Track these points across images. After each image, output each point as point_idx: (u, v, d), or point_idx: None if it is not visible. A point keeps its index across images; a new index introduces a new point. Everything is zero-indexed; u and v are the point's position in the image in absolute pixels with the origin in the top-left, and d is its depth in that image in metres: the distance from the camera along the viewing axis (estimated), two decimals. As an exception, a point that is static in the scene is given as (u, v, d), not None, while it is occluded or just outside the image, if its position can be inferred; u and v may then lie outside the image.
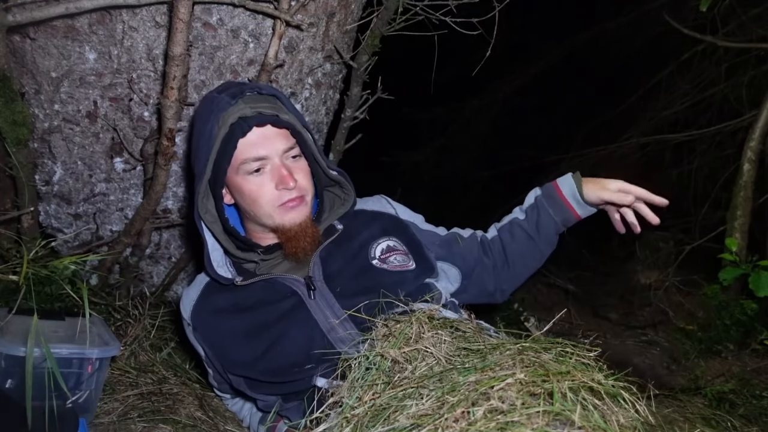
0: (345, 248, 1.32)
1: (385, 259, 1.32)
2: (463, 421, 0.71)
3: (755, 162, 2.45)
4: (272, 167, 1.21)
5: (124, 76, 1.65)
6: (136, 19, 1.58)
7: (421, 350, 0.91)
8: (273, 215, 1.22)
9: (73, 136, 1.71)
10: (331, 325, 1.21)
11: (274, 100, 1.26)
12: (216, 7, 1.60)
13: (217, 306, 1.31)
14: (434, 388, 0.79)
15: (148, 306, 1.82)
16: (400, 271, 1.30)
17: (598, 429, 0.68)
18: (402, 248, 1.36)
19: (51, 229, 1.82)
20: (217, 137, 1.19)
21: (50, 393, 1.11)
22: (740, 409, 1.61)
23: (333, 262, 1.30)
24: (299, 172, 1.23)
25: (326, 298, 1.24)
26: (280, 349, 1.23)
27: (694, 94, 3.56)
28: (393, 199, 1.50)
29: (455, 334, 0.98)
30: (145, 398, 1.48)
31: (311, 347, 1.20)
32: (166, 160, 1.59)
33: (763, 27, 3.03)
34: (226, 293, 1.31)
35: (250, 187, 1.21)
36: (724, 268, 2.12)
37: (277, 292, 1.27)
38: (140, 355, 1.66)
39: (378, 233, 1.36)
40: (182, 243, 1.97)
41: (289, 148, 1.22)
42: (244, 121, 1.18)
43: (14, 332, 1.20)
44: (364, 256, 1.31)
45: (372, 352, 0.95)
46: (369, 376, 0.91)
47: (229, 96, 1.21)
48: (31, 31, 1.55)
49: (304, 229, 1.24)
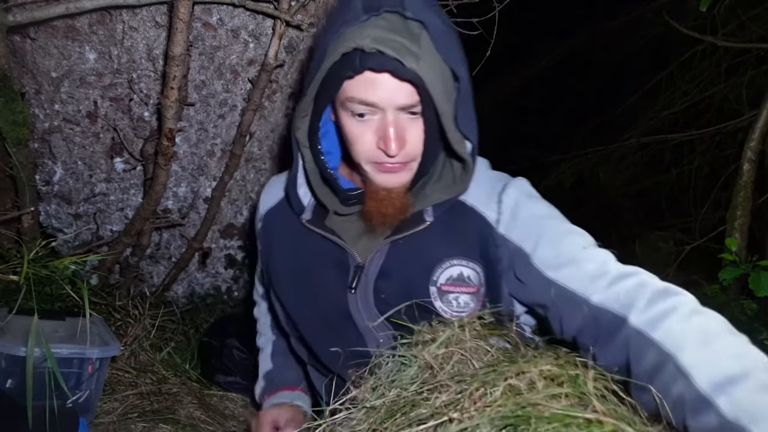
0: (417, 249, 1.06)
1: (445, 293, 1.05)
2: (480, 402, 0.69)
3: (755, 162, 2.45)
4: (380, 120, 0.95)
5: (125, 76, 1.65)
6: (136, 19, 1.58)
7: (458, 355, 0.83)
8: (366, 167, 1.01)
9: (74, 136, 1.71)
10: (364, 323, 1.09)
11: (419, 30, 0.93)
12: (216, 7, 1.60)
13: (287, 227, 1.17)
14: (458, 380, 0.76)
15: (148, 306, 1.82)
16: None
17: (623, 420, 0.64)
18: (475, 284, 1.05)
19: (51, 229, 1.82)
20: (326, 59, 0.94)
21: (51, 393, 1.11)
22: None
23: (397, 260, 1.07)
24: (412, 133, 0.97)
25: (366, 298, 1.08)
26: (312, 314, 1.14)
27: (694, 94, 3.55)
28: (535, 188, 1.08)
29: (499, 345, 0.87)
30: (145, 398, 1.48)
31: (340, 332, 1.11)
32: (166, 160, 1.59)
33: (763, 27, 3.03)
34: (295, 221, 1.14)
35: (350, 129, 0.98)
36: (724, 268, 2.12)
37: (330, 257, 1.11)
38: (140, 355, 1.66)
39: (455, 249, 1.05)
40: (182, 243, 1.97)
41: (409, 105, 0.94)
42: (359, 56, 0.91)
43: (15, 332, 1.21)
44: (426, 272, 1.05)
45: (407, 353, 0.87)
46: (397, 375, 0.85)
47: (363, 6, 0.93)
48: (31, 31, 1.55)
49: (394, 198, 1.01)
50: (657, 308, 0.83)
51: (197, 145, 1.82)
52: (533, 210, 1.03)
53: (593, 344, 0.88)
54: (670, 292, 0.85)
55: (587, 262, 0.94)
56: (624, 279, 0.89)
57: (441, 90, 0.93)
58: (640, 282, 0.88)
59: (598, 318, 0.89)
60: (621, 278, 0.90)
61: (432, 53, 0.93)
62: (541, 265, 0.97)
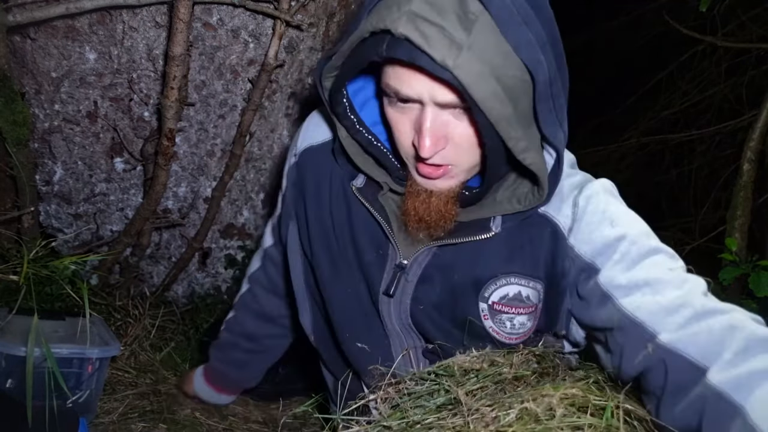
0: (471, 257, 0.91)
1: (497, 312, 0.91)
2: (493, 425, 0.62)
3: (755, 162, 2.45)
4: (419, 113, 0.79)
5: (125, 76, 1.65)
6: (136, 20, 1.58)
7: (492, 387, 0.73)
8: (406, 160, 0.87)
9: (74, 136, 1.71)
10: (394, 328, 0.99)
11: (480, 9, 0.71)
12: (216, 7, 1.60)
13: (331, 179, 0.99)
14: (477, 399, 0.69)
15: (148, 306, 1.82)
16: (503, 342, 0.92)
17: None
18: (532, 304, 0.90)
19: (51, 229, 1.82)
20: (358, 29, 0.76)
21: (50, 393, 1.11)
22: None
23: (444, 265, 0.92)
24: (455, 134, 0.79)
25: (402, 305, 0.95)
26: (345, 295, 1.02)
27: (694, 94, 3.55)
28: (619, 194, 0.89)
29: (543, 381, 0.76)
30: (145, 398, 1.48)
31: (368, 322, 1.01)
32: (167, 160, 1.59)
33: (763, 27, 3.03)
34: (341, 175, 0.98)
35: (389, 113, 0.83)
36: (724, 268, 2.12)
37: (375, 239, 0.96)
38: (140, 355, 1.66)
39: (517, 265, 0.89)
40: (182, 243, 1.97)
41: (453, 103, 0.76)
42: (386, 41, 0.72)
43: (14, 332, 1.20)
44: (475, 286, 0.91)
45: (441, 381, 0.77)
46: (424, 401, 0.75)
47: None
48: (31, 31, 1.55)
49: (435, 203, 0.85)
50: (750, 364, 0.62)
51: (197, 145, 1.82)
52: (615, 219, 0.83)
53: (659, 394, 0.70)
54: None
55: (667, 288, 0.75)
56: (709, 317, 0.69)
57: (493, 91, 0.72)
58: (732, 323, 0.67)
59: (666, 362, 0.69)
60: (706, 315, 0.70)
61: (489, 41, 0.71)
62: (609, 284, 0.79)
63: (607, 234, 0.82)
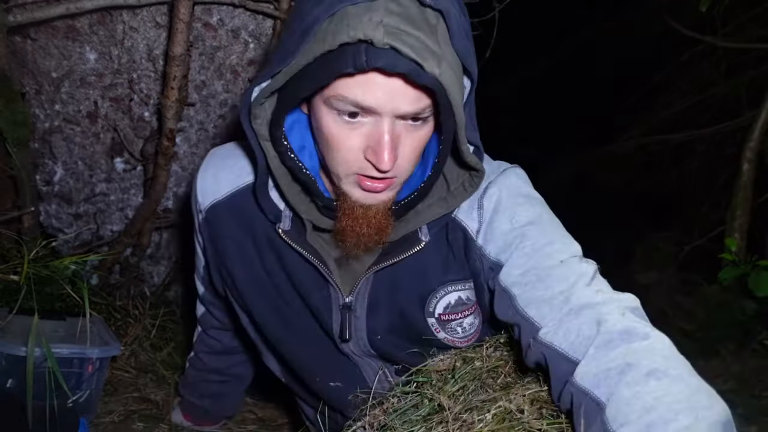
0: (408, 275, 0.93)
1: (445, 322, 0.94)
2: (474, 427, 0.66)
3: (755, 162, 2.45)
4: (373, 126, 0.78)
5: (125, 76, 1.65)
6: (136, 20, 1.58)
7: (473, 385, 0.76)
8: (342, 179, 0.84)
9: (74, 136, 1.71)
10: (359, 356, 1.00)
11: (436, 20, 0.74)
12: (216, 7, 1.60)
13: (247, 229, 0.97)
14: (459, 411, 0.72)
15: (148, 306, 1.82)
16: (463, 347, 0.95)
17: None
18: (473, 302, 0.96)
19: (51, 229, 1.82)
20: (317, 42, 0.73)
21: (51, 392, 1.11)
22: (739, 409, 1.61)
23: (384, 289, 0.94)
24: (409, 146, 0.80)
25: (360, 343, 0.97)
26: (297, 340, 1.02)
27: (694, 94, 3.56)
28: (532, 183, 0.93)
29: None
30: (145, 398, 1.48)
31: (332, 359, 1.02)
32: (167, 160, 1.59)
33: (762, 27, 3.03)
34: (261, 223, 0.96)
35: (332, 131, 0.80)
36: (723, 268, 2.12)
37: (314, 282, 0.96)
38: (140, 355, 1.66)
39: (450, 272, 0.93)
40: (182, 243, 1.97)
41: (414, 113, 0.77)
42: (365, 51, 0.70)
43: (15, 332, 1.21)
44: (420, 303, 0.94)
45: (423, 392, 0.78)
46: (409, 414, 0.77)
47: None
48: (31, 32, 1.55)
49: (371, 216, 0.85)
50: (609, 359, 0.67)
51: (197, 145, 1.82)
52: (514, 215, 0.87)
53: (550, 383, 0.74)
54: (632, 336, 0.69)
55: (556, 281, 0.79)
56: (581, 312, 0.74)
57: (460, 96, 0.76)
58: (598, 318, 0.72)
59: (546, 356, 0.74)
60: (579, 310, 0.74)
61: (450, 51, 0.75)
62: (506, 281, 0.84)
63: (507, 231, 0.86)
